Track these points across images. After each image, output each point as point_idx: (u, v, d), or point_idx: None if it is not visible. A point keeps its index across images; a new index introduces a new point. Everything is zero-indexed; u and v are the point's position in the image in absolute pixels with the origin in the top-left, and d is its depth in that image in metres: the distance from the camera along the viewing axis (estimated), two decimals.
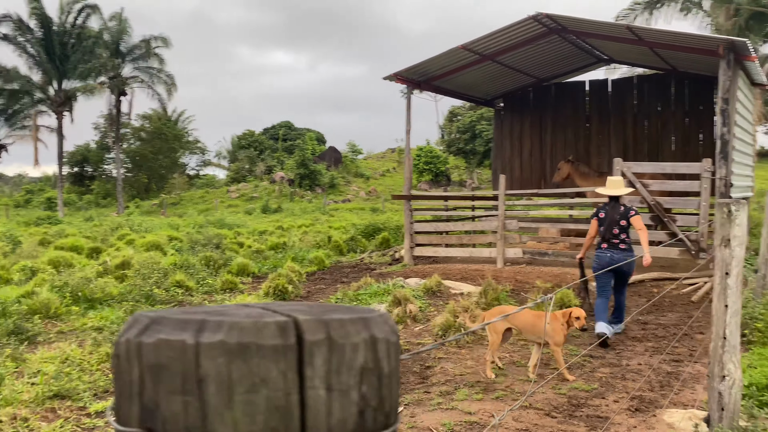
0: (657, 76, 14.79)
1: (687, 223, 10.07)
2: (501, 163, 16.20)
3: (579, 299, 8.10)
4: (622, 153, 14.84)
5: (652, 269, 10.62)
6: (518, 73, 14.34)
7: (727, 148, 9.57)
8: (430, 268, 11.94)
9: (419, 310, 7.93)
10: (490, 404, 5.00)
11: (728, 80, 9.52)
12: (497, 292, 8.20)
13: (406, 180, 12.81)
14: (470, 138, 44.35)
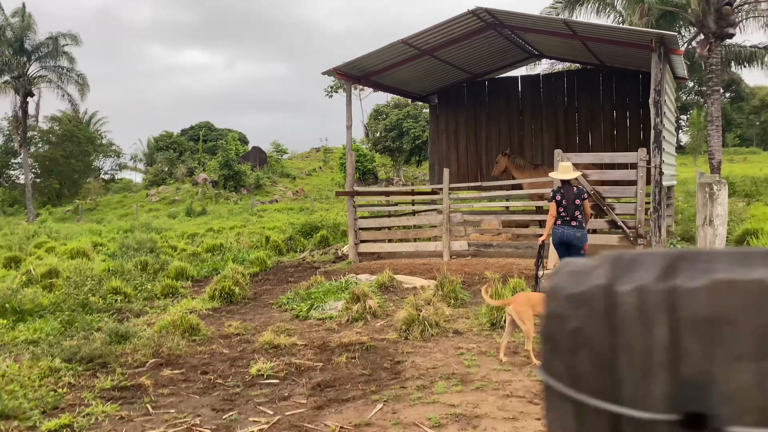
0: (586, 71, 15.34)
1: (625, 211, 10.45)
2: (438, 158, 16.33)
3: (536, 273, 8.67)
4: (555, 145, 15.29)
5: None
6: (454, 68, 14.47)
7: (660, 138, 10.00)
8: (377, 264, 11.84)
9: (378, 306, 7.80)
10: (472, 395, 4.94)
11: (660, 72, 9.95)
12: (453, 284, 8.20)
13: (348, 176, 12.65)
14: (397, 136, 44.63)
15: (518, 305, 5.72)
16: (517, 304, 5.74)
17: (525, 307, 5.69)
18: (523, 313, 5.67)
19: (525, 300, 5.81)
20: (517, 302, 5.78)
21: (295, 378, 5.71)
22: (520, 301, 5.79)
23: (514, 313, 5.70)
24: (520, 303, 5.75)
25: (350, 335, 6.85)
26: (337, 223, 18.44)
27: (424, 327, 6.75)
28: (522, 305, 5.71)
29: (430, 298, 7.33)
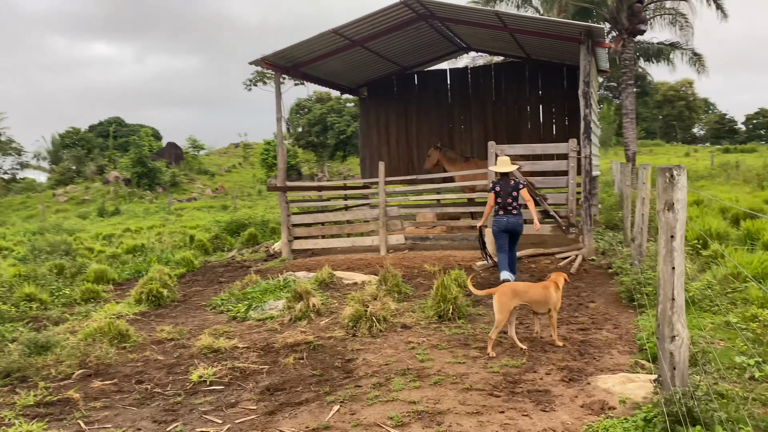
0: (512, 64, 15.58)
1: (557, 201, 10.64)
2: (369, 152, 16.16)
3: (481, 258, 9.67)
4: (484, 138, 15.47)
5: (526, 246, 11.14)
6: (384, 60, 14.33)
7: (590, 129, 10.25)
8: (313, 261, 11.54)
9: (321, 304, 7.53)
10: (431, 391, 4.79)
11: (588, 65, 10.18)
12: (396, 278, 8.05)
13: (280, 171, 12.23)
14: (321, 131, 44.12)
15: (502, 295, 5.67)
16: (500, 294, 5.68)
17: (507, 298, 5.64)
18: (502, 303, 5.61)
19: (509, 290, 5.75)
20: (501, 292, 5.72)
21: (240, 383, 5.38)
22: (505, 291, 5.73)
23: (495, 303, 5.64)
24: (504, 293, 5.69)
25: (295, 335, 6.56)
26: (265, 221, 17.92)
27: (371, 323, 6.55)
28: (505, 295, 5.66)
29: (376, 293, 7.14)
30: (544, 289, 5.80)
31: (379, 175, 11.32)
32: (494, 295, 5.68)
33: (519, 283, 5.92)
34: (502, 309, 5.60)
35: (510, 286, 5.82)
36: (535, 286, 5.89)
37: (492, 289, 5.78)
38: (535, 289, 5.80)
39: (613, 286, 8.15)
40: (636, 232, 7.96)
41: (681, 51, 29.14)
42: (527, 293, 5.74)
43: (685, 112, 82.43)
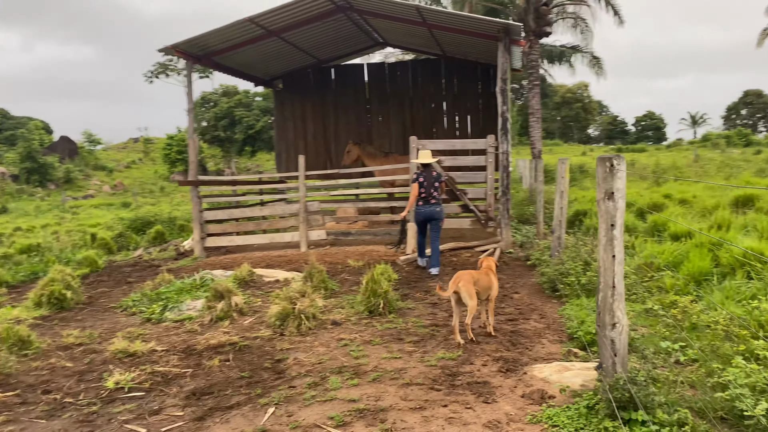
0: (429, 61, 15.69)
1: (476, 196, 10.80)
2: (285, 145, 15.76)
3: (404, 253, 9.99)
4: (403, 134, 15.51)
5: (446, 240, 11.23)
6: (300, 52, 14.00)
7: (507, 125, 10.46)
8: (228, 258, 11.07)
9: (243, 303, 7.18)
10: (370, 388, 4.64)
11: (505, 62, 10.38)
12: (322, 274, 7.83)
13: (191, 164, 11.64)
14: (229, 125, 42.80)
15: (467, 283, 5.61)
16: (465, 282, 5.61)
17: (471, 285, 5.62)
18: (470, 290, 5.58)
19: (470, 277, 5.71)
20: (465, 280, 5.64)
21: (163, 388, 5.00)
22: (467, 278, 5.67)
23: (463, 291, 5.56)
24: (467, 281, 5.63)
25: (218, 336, 6.21)
26: (173, 218, 17.10)
27: (300, 321, 6.31)
28: (469, 283, 5.62)
29: (303, 289, 6.90)
30: (487, 276, 5.87)
31: (299, 169, 11.03)
32: (460, 284, 5.61)
33: (470, 271, 5.89)
34: (472, 295, 5.58)
35: (469, 273, 5.78)
36: (482, 273, 5.91)
37: (454, 284, 5.69)
38: (483, 276, 5.85)
39: (534, 278, 8.34)
40: (555, 225, 8.18)
41: (581, 54, 30.62)
42: (480, 280, 5.77)
43: (581, 113, 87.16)
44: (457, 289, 5.57)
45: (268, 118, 41.54)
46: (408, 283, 8.50)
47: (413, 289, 8.14)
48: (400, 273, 9.14)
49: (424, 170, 9.00)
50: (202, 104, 49.27)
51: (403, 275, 9.01)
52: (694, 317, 5.39)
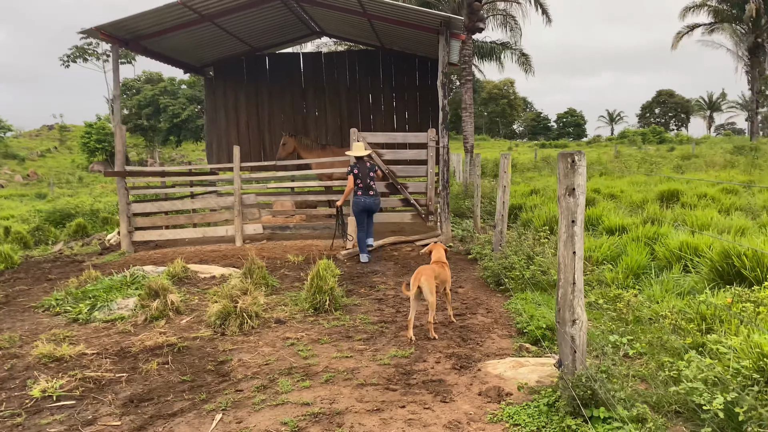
0: (367, 52, 15.50)
1: (417, 190, 10.75)
2: (216, 135, 15.20)
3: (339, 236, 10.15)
4: (339, 126, 15.29)
5: (386, 234, 11.13)
6: (234, 39, 13.50)
7: (447, 119, 10.45)
8: (158, 253, 10.54)
9: (180, 301, 6.81)
10: (323, 390, 4.46)
11: (446, 55, 10.36)
12: (262, 270, 7.55)
13: (118, 154, 10.99)
14: (152, 113, 41.12)
15: (429, 278, 5.51)
16: (427, 277, 5.51)
17: (433, 280, 5.54)
18: (432, 285, 5.49)
19: (431, 272, 5.61)
20: (426, 275, 5.53)
21: (96, 395, 4.62)
22: (429, 273, 5.57)
23: (425, 287, 5.44)
24: (429, 276, 5.54)
25: (154, 337, 5.84)
26: (95, 210, 16.20)
27: (242, 319, 6.03)
28: (431, 278, 5.53)
29: (245, 287, 6.60)
30: (443, 268, 5.85)
31: (234, 160, 10.63)
32: (422, 279, 5.49)
33: (429, 265, 5.82)
34: (433, 291, 5.50)
35: (431, 269, 5.69)
36: (440, 266, 5.87)
37: (416, 278, 5.54)
38: (441, 269, 5.83)
39: (476, 271, 8.37)
40: (497, 219, 8.23)
41: (511, 51, 31.31)
42: (440, 274, 5.72)
43: (507, 109, 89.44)
44: (420, 284, 5.47)
45: (194, 106, 40.21)
46: (351, 279, 8.33)
47: (357, 284, 7.99)
48: (342, 268, 8.96)
49: (358, 162, 9.32)
50: (123, 91, 47.16)
51: (345, 270, 8.84)
52: (638, 311, 5.51)
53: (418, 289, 5.49)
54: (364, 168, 9.27)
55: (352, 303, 6.89)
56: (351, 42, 16.17)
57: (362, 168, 9.26)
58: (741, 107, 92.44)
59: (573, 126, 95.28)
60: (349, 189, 9.26)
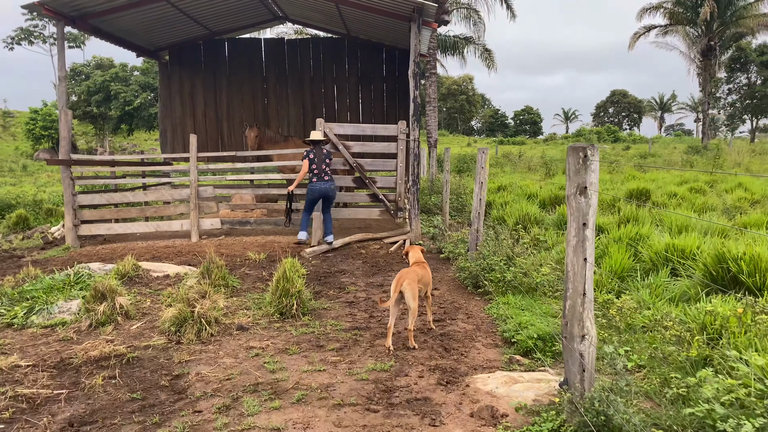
0: (332, 40, 14.89)
1: (386, 185, 10.26)
2: (171, 123, 14.36)
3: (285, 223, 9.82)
4: (301, 117, 14.66)
5: (352, 231, 10.62)
6: (191, 21, 12.71)
7: (419, 111, 9.98)
8: (107, 249, 9.77)
9: (130, 304, 6.15)
10: (296, 411, 3.93)
11: (418, 44, 9.89)
12: (222, 270, 6.93)
13: (62, 140, 10.14)
14: (103, 100, 39.38)
15: (411, 282, 5.02)
16: (410, 281, 5.01)
17: (416, 284, 5.05)
18: (414, 290, 5.00)
19: (414, 275, 5.12)
20: (409, 279, 5.03)
21: (30, 417, 3.99)
22: (412, 277, 5.07)
23: (408, 292, 4.95)
24: (411, 280, 5.03)
25: (100, 345, 5.20)
26: (38, 200, 15.16)
27: (200, 326, 5.44)
28: (414, 282, 5.03)
29: (203, 289, 6.00)
30: (424, 269, 5.41)
31: (191, 149, 9.92)
32: (405, 283, 4.99)
33: (411, 268, 5.31)
34: (415, 296, 5.02)
35: (413, 272, 5.20)
36: (421, 268, 5.40)
37: (398, 282, 5.02)
38: (423, 270, 5.39)
39: (451, 272, 7.94)
40: (473, 217, 7.81)
41: (474, 46, 31.07)
42: (422, 277, 5.26)
43: (466, 105, 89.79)
44: (402, 289, 4.98)
45: (147, 94, 38.70)
46: (318, 279, 7.80)
47: (325, 285, 7.45)
48: (308, 267, 8.42)
49: (314, 147, 9.20)
50: (72, 76, 45.10)
51: (311, 269, 8.30)
52: (630, 318, 5.16)
53: (399, 294, 5.00)
54: (320, 153, 9.16)
55: (321, 307, 6.36)
56: (316, 29, 15.51)
57: (318, 153, 9.14)
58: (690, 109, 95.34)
59: (529, 123, 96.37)
60: (303, 173, 9.18)
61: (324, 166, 9.14)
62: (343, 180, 10.26)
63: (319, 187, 9.10)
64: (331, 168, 9.30)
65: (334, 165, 10.05)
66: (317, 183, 9.13)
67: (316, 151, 9.18)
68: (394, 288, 5.01)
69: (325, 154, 9.21)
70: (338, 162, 9.99)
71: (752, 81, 56.30)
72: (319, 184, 9.11)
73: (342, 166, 10.01)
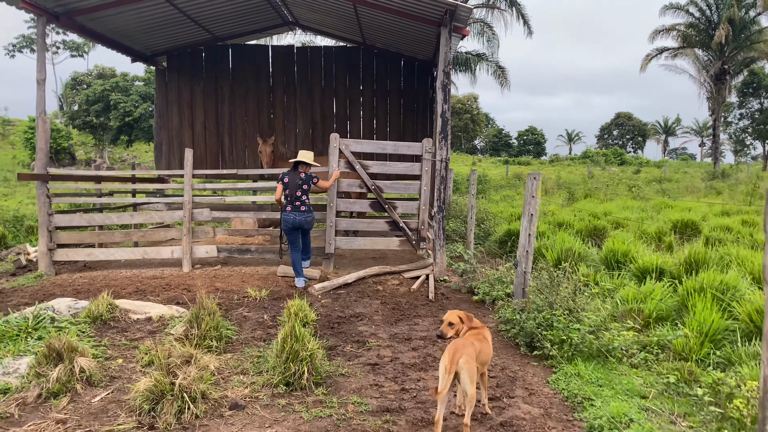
0: (346, 50, 13.68)
1: (407, 211, 8.95)
2: (167, 136, 13.10)
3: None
4: (310, 131, 13.43)
5: (367, 262, 9.34)
6: (192, 23, 11.50)
7: (447, 128, 8.72)
8: (85, 278, 8.44)
9: (95, 365, 4.82)
10: None
11: (449, 51, 8.66)
12: (215, 316, 5.60)
13: (39, 152, 8.87)
14: (102, 110, 38.19)
15: (469, 360, 3.72)
16: (467, 359, 3.72)
17: (474, 362, 3.76)
18: (472, 371, 3.73)
19: (472, 351, 3.80)
20: (467, 356, 3.72)
21: None
22: (470, 353, 3.76)
23: (465, 372, 3.70)
24: (470, 357, 3.74)
25: (47, 430, 3.87)
26: (20, 216, 13.86)
27: (182, 403, 4.11)
28: (472, 359, 3.75)
29: (190, 351, 4.67)
30: (483, 341, 4.12)
31: (185, 165, 8.64)
32: (461, 361, 3.69)
33: (466, 340, 3.99)
34: (473, 378, 3.74)
35: (470, 345, 3.87)
36: (476, 338, 4.07)
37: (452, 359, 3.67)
38: (481, 343, 4.07)
39: (491, 322, 6.61)
40: (520, 256, 6.50)
41: (487, 63, 29.97)
42: (481, 352, 3.95)
43: (470, 124, 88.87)
44: (458, 369, 3.67)
45: (148, 104, 37.58)
46: (330, 325, 6.47)
47: (339, 335, 6.12)
48: (317, 307, 7.10)
49: (292, 170, 8.04)
50: (73, 86, 44.03)
51: (321, 311, 6.98)
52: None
53: (453, 376, 3.68)
54: (295, 178, 7.92)
55: (337, 372, 5.01)
56: (328, 36, 14.29)
57: (292, 177, 7.93)
58: (695, 133, 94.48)
59: (533, 144, 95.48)
60: (276, 200, 8.01)
61: (299, 192, 7.87)
62: (359, 204, 8.96)
63: (291, 217, 7.86)
64: (307, 195, 7.96)
65: (348, 187, 8.76)
66: (290, 213, 7.88)
67: (291, 175, 7.95)
68: (446, 367, 3.68)
69: (303, 179, 7.90)
70: (354, 184, 8.70)
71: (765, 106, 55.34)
72: (291, 215, 7.86)
73: (358, 188, 8.72)
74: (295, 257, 8.07)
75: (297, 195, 7.86)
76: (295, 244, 8.05)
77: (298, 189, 7.87)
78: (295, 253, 8.07)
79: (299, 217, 7.86)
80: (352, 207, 9.09)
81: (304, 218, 7.89)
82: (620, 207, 15.69)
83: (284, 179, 7.94)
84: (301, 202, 7.89)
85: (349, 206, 9.06)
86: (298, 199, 7.88)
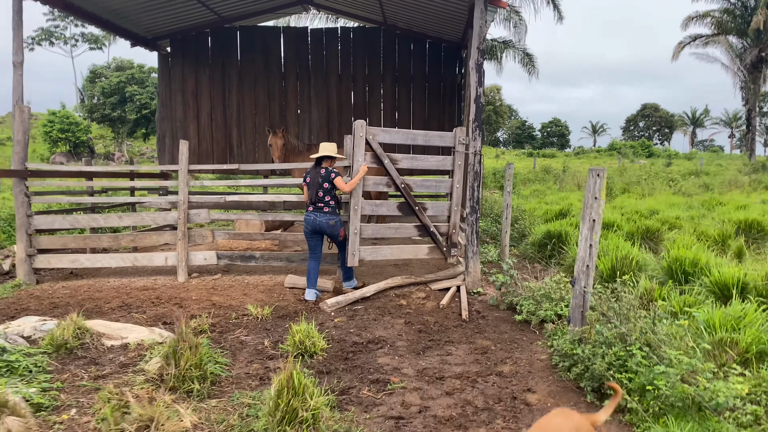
0: (364, 30, 12.46)
1: (437, 213, 7.72)
2: (170, 127, 12.04)
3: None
4: (326, 121, 12.28)
5: (389, 270, 8.16)
6: (197, 3, 10.39)
7: (482, 115, 7.48)
8: (68, 288, 7.39)
9: (34, 423, 3.71)
10: None
11: (483, 26, 7.43)
12: (198, 351, 4.46)
13: (16, 145, 7.82)
14: (118, 102, 37.51)
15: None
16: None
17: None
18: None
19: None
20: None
21: None
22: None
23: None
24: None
25: None
26: (13, 214, 12.92)
27: None
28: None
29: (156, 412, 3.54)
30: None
31: (180, 159, 7.53)
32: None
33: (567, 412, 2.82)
34: None
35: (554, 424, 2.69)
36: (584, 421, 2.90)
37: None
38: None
39: (539, 351, 5.39)
40: (578, 271, 5.25)
41: (513, 50, 28.54)
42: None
43: (493, 116, 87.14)
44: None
45: None
46: (344, 356, 5.30)
47: (354, 369, 4.95)
48: (329, 329, 5.95)
49: (314, 167, 7.10)
50: (92, 79, 43.49)
51: (333, 335, 5.81)
52: None
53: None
54: (316, 176, 6.97)
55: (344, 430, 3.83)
56: (345, 15, 13.07)
57: (314, 176, 7.00)
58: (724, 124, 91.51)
59: (557, 136, 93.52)
60: (305, 202, 7.21)
61: (320, 192, 6.93)
62: (385, 207, 7.59)
63: (312, 218, 6.98)
64: (330, 194, 6.95)
65: (374, 186, 7.48)
66: (310, 213, 7.02)
67: (312, 173, 7.04)
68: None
69: (323, 176, 6.92)
70: (381, 182, 7.42)
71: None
72: (312, 215, 6.99)
73: (385, 187, 7.45)
74: (311, 266, 7.05)
75: (319, 196, 6.94)
76: (314, 252, 7.06)
77: (319, 188, 6.92)
78: (312, 261, 7.05)
79: (320, 218, 6.92)
80: (379, 210, 7.56)
81: (325, 220, 6.92)
82: (665, 204, 14.31)
83: (306, 179, 7.07)
84: (324, 202, 6.97)
85: (375, 209, 7.48)
86: (320, 200, 6.97)
